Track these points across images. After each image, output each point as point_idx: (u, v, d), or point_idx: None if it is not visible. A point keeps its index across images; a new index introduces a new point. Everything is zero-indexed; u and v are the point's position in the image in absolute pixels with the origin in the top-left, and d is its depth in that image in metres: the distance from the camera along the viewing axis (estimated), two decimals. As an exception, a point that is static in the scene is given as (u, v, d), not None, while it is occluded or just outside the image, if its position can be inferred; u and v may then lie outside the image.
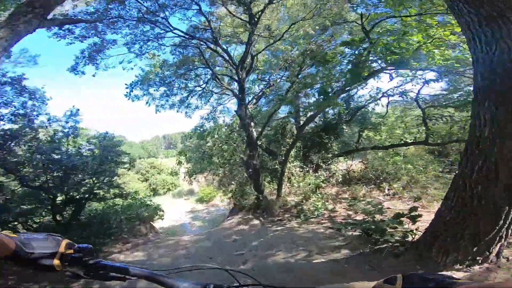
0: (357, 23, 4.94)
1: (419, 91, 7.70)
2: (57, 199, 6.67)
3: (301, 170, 9.19)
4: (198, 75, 10.19)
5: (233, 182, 9.79)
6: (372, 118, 10.18)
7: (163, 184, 33.71)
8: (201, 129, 9.81)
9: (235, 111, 8.40)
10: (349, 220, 5.71)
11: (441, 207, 3.09)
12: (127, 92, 10.18)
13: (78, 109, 8.33)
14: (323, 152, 9.54)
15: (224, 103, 13.54)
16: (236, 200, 9.11)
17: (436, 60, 3.91)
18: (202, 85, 10.64)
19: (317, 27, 7.46)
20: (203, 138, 9.45)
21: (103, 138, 9.19)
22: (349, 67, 5.04)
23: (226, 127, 10.19)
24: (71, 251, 0.80)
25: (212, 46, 8.72)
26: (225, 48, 8.01)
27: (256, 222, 7.33)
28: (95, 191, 7.03)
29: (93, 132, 9.60)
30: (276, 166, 9.01)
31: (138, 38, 8.39)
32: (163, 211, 10.84)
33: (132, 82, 9.73)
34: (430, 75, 8.15)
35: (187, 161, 11.01)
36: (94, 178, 7.16)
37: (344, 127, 9.67)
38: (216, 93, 12.23)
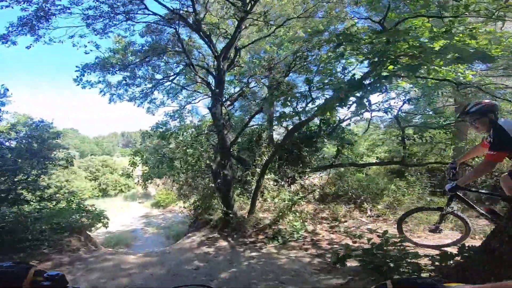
0: (373, 20, 4.29)
1: (399, 108, 7.47)
2: None
3: (275, 184, 8.30)
4: (168, 64, 8.83)
5: (195, 192, 8.49)
6: (347, 135, 9.91)
7: (114, 184, 30.56)
8: (164, 128, 8.36)
9: (208, 108, 7.21)
10: (335, 246, 4.89)
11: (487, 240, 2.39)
12: (77, 77, 8.38)
13: (7, 89, 6.50)
14: (301, 165, 8.84)
15: (193, 102, 12.29)
16: (199, 213, 7.82)
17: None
18: (171, 76, 9.28)
19: (309, 30, 6.82)
20: (165, 138, 8.04)
21: (34, 126, 7.30)
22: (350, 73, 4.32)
23: (193, 129, 8.91)
24: (41, 278, 0.78)
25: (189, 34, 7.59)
26: (208, 34, 6.82)
27: (224, 243, 6.13)
28: (7, 194, 5.21)
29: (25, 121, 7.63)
30: (249, 178, 7.99)
31: (103, 13, 6.79)
32: (107, 218, 9.01)
33: (85, 64, 8.00)
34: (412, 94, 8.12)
35: (143, 163, 9.41)
36: (6, 177, 5.34)
37: (325, 140, 9.10)
38: (185, 88, 10.92)
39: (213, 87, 7.05)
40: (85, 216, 8.45)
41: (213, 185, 8.06)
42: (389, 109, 7.11)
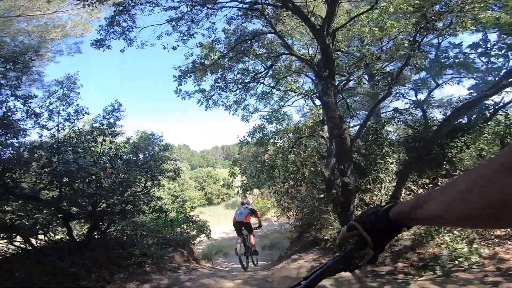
0: None
1: None
2: (71, 213, 5.21)
3: (408, 193, 6.01)
4: (257, 59, 8.01)
5: (297, 203, 7.13)
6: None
7: (218, 194, 33.27)
8: (261, 133, 7.48)
9: (317, 96, 5.80)
10: None
11: None
12: (176, 88, 8.75)
13: (121, 104, 7.03)
14: (444, 166, 6.22)
15: (287, 104, 11.25)
16: (304, 229, 6.40)
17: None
18: (261, 75, 8.47)
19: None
20: (263, 144, 7.14)
21: (148, 140, 7.78)
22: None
23: (292, 133, 7.66)
24: None
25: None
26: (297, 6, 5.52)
27: (345, 273, 4.39)
28: (120, 207, 5.28)
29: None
30: (369, 186, 6.02)
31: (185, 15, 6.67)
32: (209, 229, 8.87)
33: (181, 70, 8.11)
34: None
35: (241, 173, 8.85)
36: (121, 189, 5.46)
37: (483, 130, 6.14)
38: (277, 89, 10.01)
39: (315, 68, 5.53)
40: (191, 227, 8.56)
41: (322, 196, 6.49)
42: None
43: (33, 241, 5.10)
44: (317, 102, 10.54)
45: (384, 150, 6.33)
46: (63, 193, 4.80)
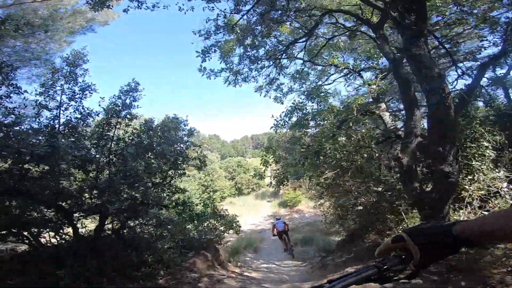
0: None
1: None
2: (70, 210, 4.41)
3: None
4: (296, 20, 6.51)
5: (348, 199, 5.71)
6: None
7: (248, 184, 32.56)
8: (301, 112, 6.09)
9: (401, 48, 4.19)
10: None
11: None
12: (200, 65, 7.67)
13: (138, 83, 6.11)
14: None
15: (326, 83, 9.61)
16: (362, 232, 5.01)
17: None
18: (299, 42, 6.96)
19: None
20: (303, 126, 5.80)
21: (169, 121, 6.81)
22: None
23: (337, 114, 6.15)
24: None
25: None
26: None
27: (374, 284, 2.99)
28: (129, 202, 4.37)
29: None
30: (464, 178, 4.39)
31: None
32: (239, 225, 7.87)
33: (201, 34, 6.91)
34: None
35: (275, 161, 7.61)
36: (130, 180, 4.53)
37: None
38: (316, 64, 8.46)
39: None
40: (219, 222, 7.63)
41: (380, 189, 5.00)
42: None
43: (43, 240, 4.47)
44: (368, 76, 8.78)
45: (475, 130, 4.59)
46: (60, 184, 3.99)
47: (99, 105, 5.20)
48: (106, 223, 5.02)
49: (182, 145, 6.63)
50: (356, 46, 9.06)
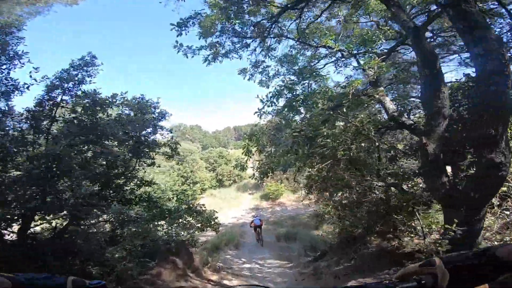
0: None
1: None
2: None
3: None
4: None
5: (346, 195, 4.97)
6: None
7: (229, 175, 31.57)
8: (291, 93, 5.21)
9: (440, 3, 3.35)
10: None
11: None
12: (176, 42, 6.56)
13: (95, 57, 4.97)
14: None
15: (316, 65, 8.80)
16: (364, 234, 4.28)
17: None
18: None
19: None
20: (293, 108, 4.94)
21: (135, 102, 5.70)
22: None
23: (334, 93, 5.36)
24: None
25: None
26: None
27: None
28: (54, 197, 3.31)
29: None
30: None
31: None
32: (218, 223, 6.94)
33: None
34: None
35: (258, 151, 6.74)
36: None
37: None
38: (308, 44, 7.59)
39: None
40: (195, 219, 6.69)
41: (381, 184, 4.28)
42: None
43: None
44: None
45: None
46: None
47: (30, 76, 4.00)
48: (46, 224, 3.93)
49: (148, 130, 5.56)
50: (349, 34, 8.37)
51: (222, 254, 8.77)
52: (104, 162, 4.43)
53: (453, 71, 5.61)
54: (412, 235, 3.33)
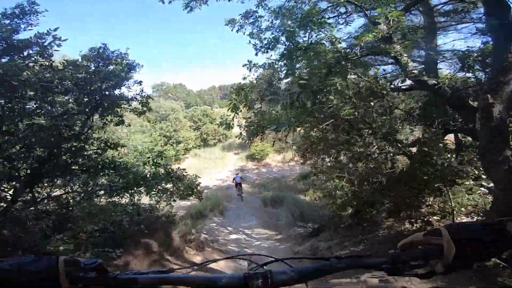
0: None
1: None
2: None
3: None
4: None
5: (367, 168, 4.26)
6: None
7: (214, 134, 30.62)
8: (290, 40, 4.10)
9: None
10: None
11: None
12: None
13: (35, 2, 3.66)
14: None
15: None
16: (364, 214, 3.71)
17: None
18: None
19: None
20: (291, 56, 3.92)
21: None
22: None
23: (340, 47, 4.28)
24: (77, 268, 0.61)
25: None
26: None
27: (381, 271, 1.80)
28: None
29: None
30: None
31: None
32: (200, 191, 6.24)
33: None
34: None
35: (248, 107, 5.82)
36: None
37: None
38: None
39: None
40: (176, 186, 5.96)
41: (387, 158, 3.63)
42: None
43: None
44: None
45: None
46: None
47: None
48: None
49: (111, 83, 4.39)
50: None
51: (207, 222, 8.33)
52: (46, 121, 3.37)
53: (463, 39, 4.94)
54: (437, 217, 2.76)
